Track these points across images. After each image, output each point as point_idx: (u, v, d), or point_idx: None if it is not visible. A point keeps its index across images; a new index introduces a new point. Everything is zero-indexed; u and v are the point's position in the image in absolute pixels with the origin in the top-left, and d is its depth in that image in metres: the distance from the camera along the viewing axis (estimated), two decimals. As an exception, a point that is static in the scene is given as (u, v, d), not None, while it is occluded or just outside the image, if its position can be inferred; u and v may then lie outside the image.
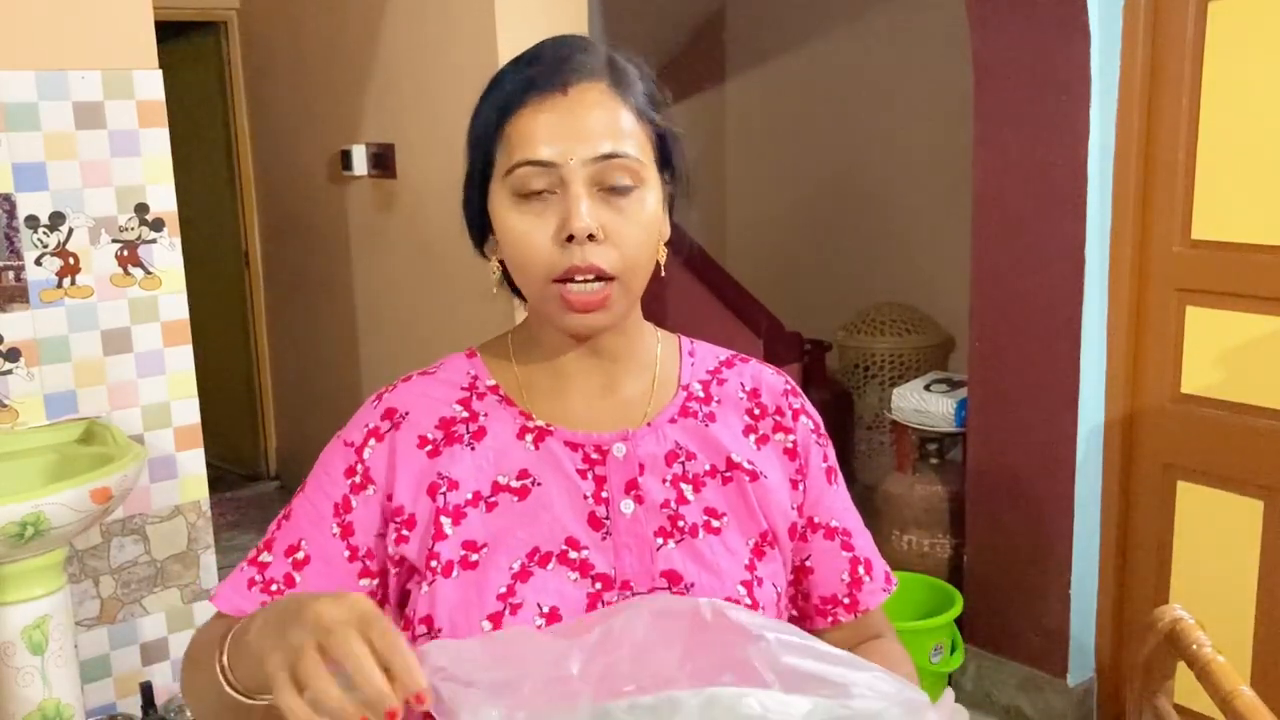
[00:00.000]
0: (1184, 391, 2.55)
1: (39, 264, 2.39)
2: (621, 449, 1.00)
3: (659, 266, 1.01)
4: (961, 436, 3.11)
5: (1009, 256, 2.74)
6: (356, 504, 0.98)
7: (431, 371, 1.05)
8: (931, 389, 3.32)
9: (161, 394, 2.58)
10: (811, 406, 1.13)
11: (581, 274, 0.91)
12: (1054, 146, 2.61)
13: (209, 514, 2.70)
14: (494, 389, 1.02)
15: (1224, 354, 2.47)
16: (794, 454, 1.08)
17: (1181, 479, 2.58)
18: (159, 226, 2.53)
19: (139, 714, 2.58)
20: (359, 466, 0.99)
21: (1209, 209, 2.46)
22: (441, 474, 0.98)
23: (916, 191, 4.38)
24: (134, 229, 2.50)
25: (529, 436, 1.00)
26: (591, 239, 0.91)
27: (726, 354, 1.12)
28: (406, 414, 1.00)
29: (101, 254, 2.46)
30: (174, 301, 2.57)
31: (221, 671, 0.85)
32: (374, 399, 1.03)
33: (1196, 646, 1.14)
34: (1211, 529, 2.53)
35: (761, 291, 4.04)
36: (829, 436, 1.14)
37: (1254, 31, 2.34)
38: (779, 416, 1.08)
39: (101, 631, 2.58)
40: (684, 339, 1.11)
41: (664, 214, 0.99)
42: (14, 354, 2.38)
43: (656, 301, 1.07)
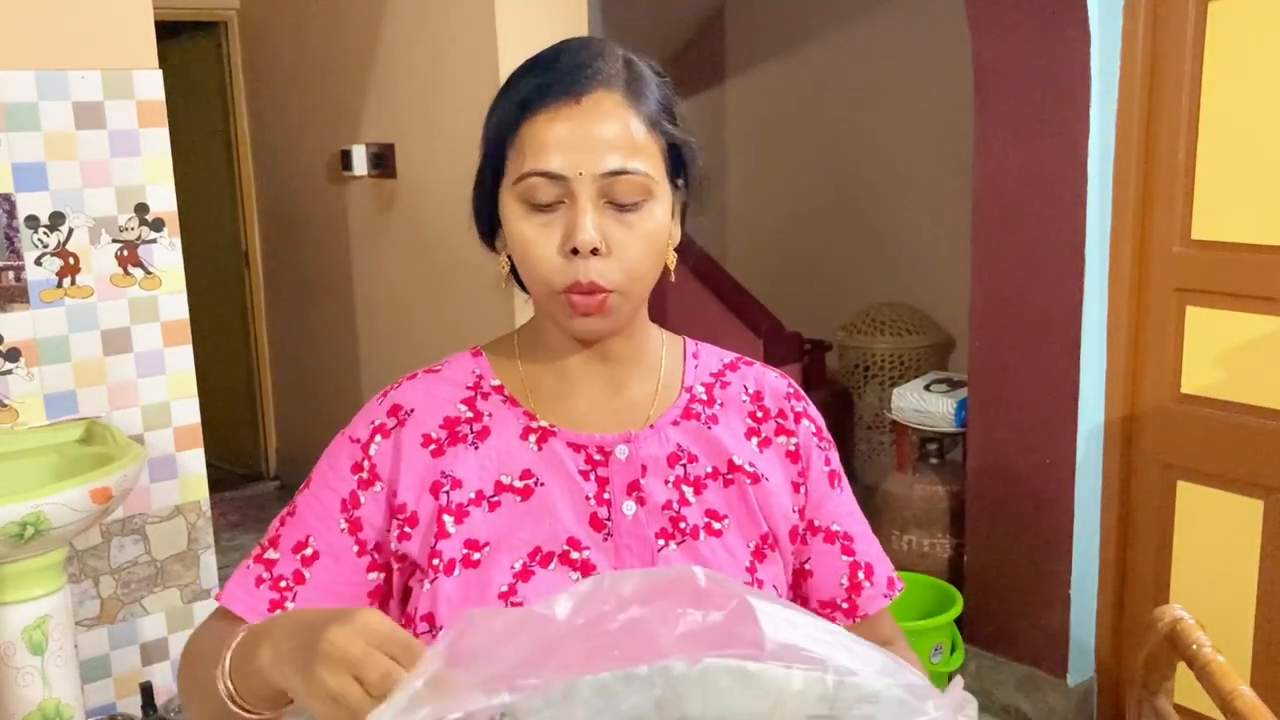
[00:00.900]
0: (1184, 391, 2.55)
1: (39, 264, 2.39)
2: (624, 450, 1.00)
3: (668, 271, 1.01)
4: (961, 436, 3.11)
5: (1009, 257, 2.74)
6: (364, 499, 0.99)
7: (437, 370, 1.05)
8: (931, 389, 3.32)
9: (161, 394, 2.58)
10: (815, 410, 1.14)
11: (583, 290, 0.92)
12: (1054, 146, 2.60)
13: (209, 514, 2.70)
14: (498, 389, 1.03)
15: (1224, 354, 2.47)
16: (796, 457, 1.08)
17: (1181, 479, 2.58)
18: (159, 226, 2.53)
19: (139, 714, 2.58)
20: (365, 462, 0.99)
21: (1209, 209, 2.45)
22: (445, 472, 0.98)
23: (916, 191, 4.38)
24: (134, 229, 2.50)
25: (532, 437, 1.00)
26: (595, 253, 0.92)
27: (730, 357, 1.12)
28: (411, 411, 1.01)
29: (101, 254, 2.46)
30: (174, 301, 2.57)
31: (227, 690, 0.85)
32: (379, 396, 1.03)
33: (1196, 646, 1.14)
34: (1211, 529, 2.53)
35: (761, 292, 4.04)
36: (833, 440, 1.15)
37: (1254, 31, 2.33)
38: (781, 420, 1.09)
39: (101, 631, 2.58)
40: (689, 341, 1.11)
41: (674, 223, 1.00)
42: (14, 354, 2.38)
43: (657, 302, 1.07)
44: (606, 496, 0.99)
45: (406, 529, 0.97)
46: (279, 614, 0.93)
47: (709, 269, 3.85)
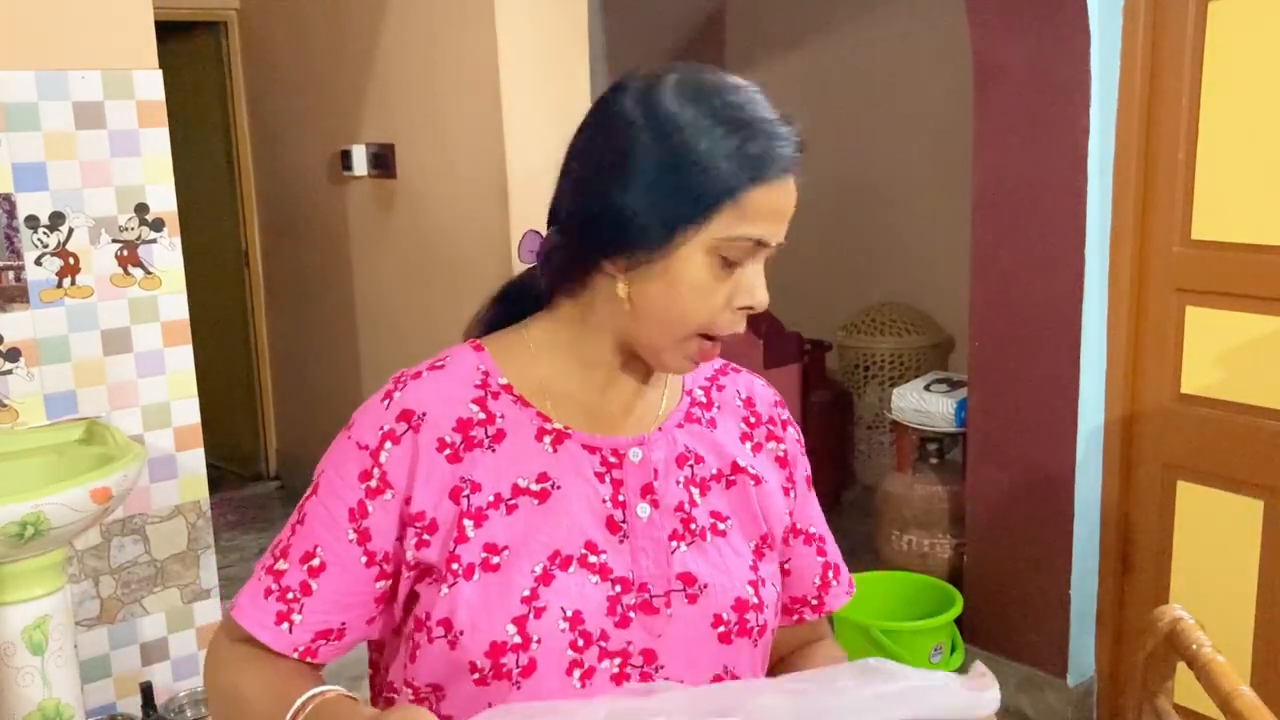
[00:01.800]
0: (1184, 391, 2.55)
1: (39, 264, 2.39)
2: (638, 453, 1.01)
3: None
4: (961, 436, 3.12)
5: (1009, 256, 2.74)
6: (373, 509, 0.97)
7: (440, 365, 1.03)
8: (931, 389, 3.32)
9: (161, 394, 2.58)
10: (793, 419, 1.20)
11: (725, 339, 0.98)
12: (1054, 146, 2.61)
13: (209, 514, 2.70)
14: (507, 388, 1.01)
15: (1224, 354, 2.47)
16: (785, 462, 1.12)
17: (1181, 479, 2.58)
18: (159, 226, 2.53)
19: (139, 714, 2.58)
20: (375, 470, 0.97)
21: (1209, 209, 2.46)
22: (464, 478, 0.97)
23: (916, 191, 4.38)
24: (134, 229, 2.50)
25: (547, 439, 1.00)
26: None
27: (719, 361, 1.14)
28: (424, 415, 0.98)
29: (101, 254, 2.46)
30: (174, 301, 2.57)
31: None
32: (382, 397, 1.00)
33: (1196, 646, 1.14)
34: (1211, 529, 2.53)
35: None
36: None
37: (1254, 31, 2.34)
38: (771, 426, 1.13)
39: (101, 631, 2.58)
40: None
41: None
42: (14, 354, 2.38)
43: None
44: (621, 499, 1.00)
45: (425, 536, 0.96)
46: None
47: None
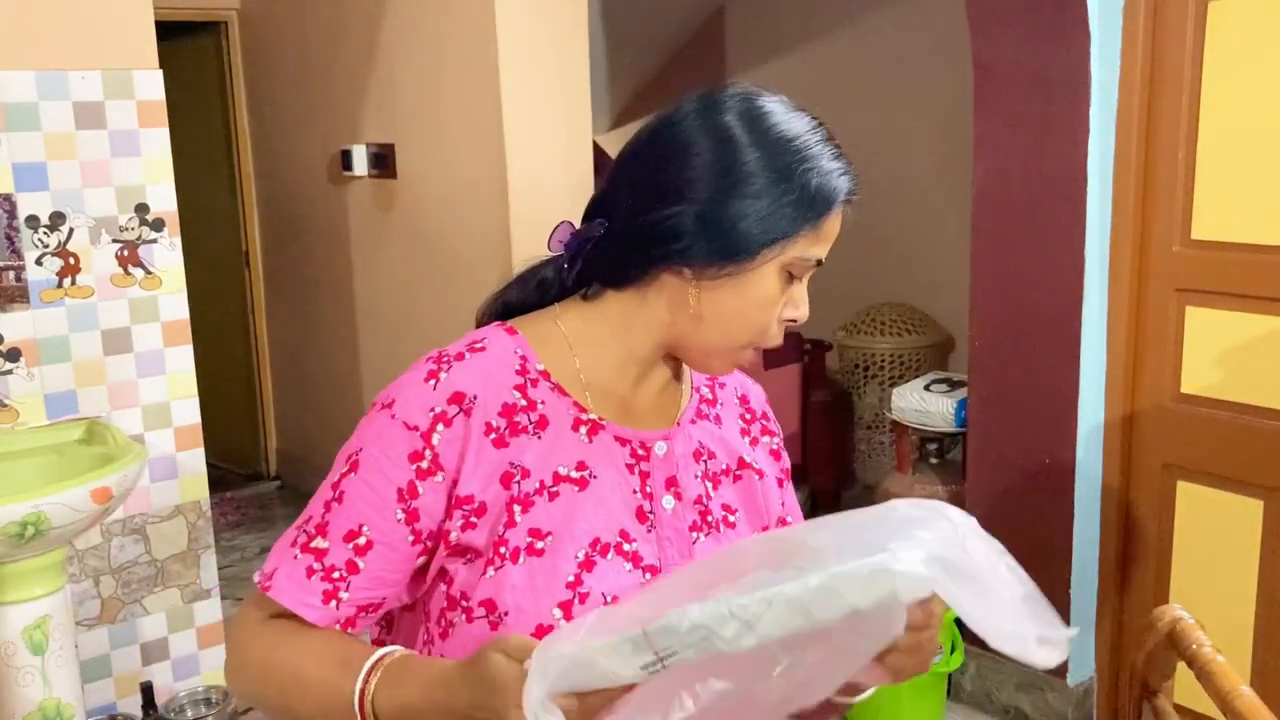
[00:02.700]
0: (1184, 391, 2.55)
1: (39, 264, 2.39)
2: (663, 447, 1.06)
3: None
4: (961, 436, 3.11)
5: (1009, 256, 2.74)
6: (423, 489, 0.98)
7: (481, 348, 1.03)
8: (931, 389, 3.32)
9: (161, 394, 2.58)
10: None
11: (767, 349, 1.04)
12: (1054, 146, 2.60)
13: (209, 514, 2.70)
14: (544, 375, 1.04)
15: (1224, 354, 2.47)
16: (778, 455, 1.20)
17: (1181, 479, 2.58)
18: (159, 226, 2.53)
19: (139, 714, 2.58)
20: (427, 452, 0.98)
21: (1209, 209, 2.46)
22: (514, 463, 0.99)
23: (916, 191, 4.38)
24: (134, 229, 2.50)
25: (583, 429, 1.03)
26: None
27: None
28: (475, 397, 1.00)
29: (102, 254, 2.46)
30: (174, 301, 2.57)
31: None
32: (425, 377, 1.00)
33: (1196, 646, 1.14)
34: (1211, 529, 2.53)
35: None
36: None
37: (1254, 31, 2.34)
38: (765, 421, 1.20)
39: (102, 631, 2.58)
40: None
41: None
42: (14, 354, 2.38)
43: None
44: (649, 490, 1.04)
45: (473, 519, 0.98)
46: (397, 687, 0.91)
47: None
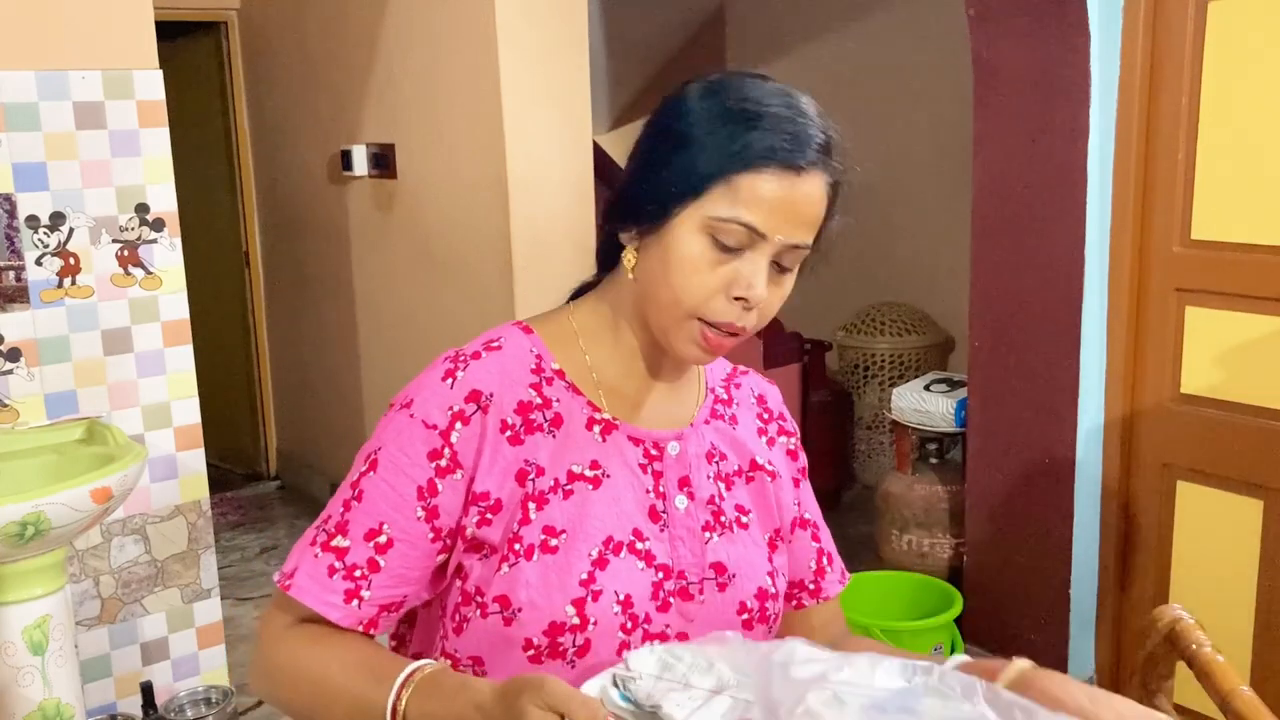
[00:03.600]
0: (1184, 391, 2.55)
1: (39, 264, 2.39)
2: (676, 447, 1.07)
3: None
4: (961, 436, 3.12)
5: (1009, 256, 2.74)
6: (443, 487, 0.99)
7: (497, 346, 1.04)
8: (931, 389, 3.32)
9: (162, 394, 2.58)
10: None
11: (727, 331, 0.98)
12: (1054, 146, 2.61)
13: (209, 514, 2.70)
14: (559, 374, 1.05)
15: (1224, 354, 2.47)
16: (795, 455, 1.20)
17: (1181, 479, 2.58)
18: (159, 226, 2.53)
19: (139, 714, 2.58)
20: (446, 450, 0.99)
21: (1209, 209, 2.46)
22: (529, 461, 1.00)
23: (916, 191, 4.38)
24: (134, 229, 2.50)
25: (596, 428, 1.04)
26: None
27: (729, 364, 1.21)
28: (492, 395, 1.01)
29: (102, 254, 2.46)
30: (174, 301, 2.57)
31: None
32: (443, 376, 1.01)
33: (1196, 646, 1.14)
34: (1211, 529, 2.53)
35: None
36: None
37: (1254, 31, 2.34)
38: (782, 421, 1.20)
39: (102, 631, 2.58)
40: None
41: None
42: (14, 354, 2.38)
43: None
44: (662, 490, 1.05)
45: (488, 516, 0.99)
46: (436, 690, 0.91)
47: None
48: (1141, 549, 2.69)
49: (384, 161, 3.81)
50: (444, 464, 0.99)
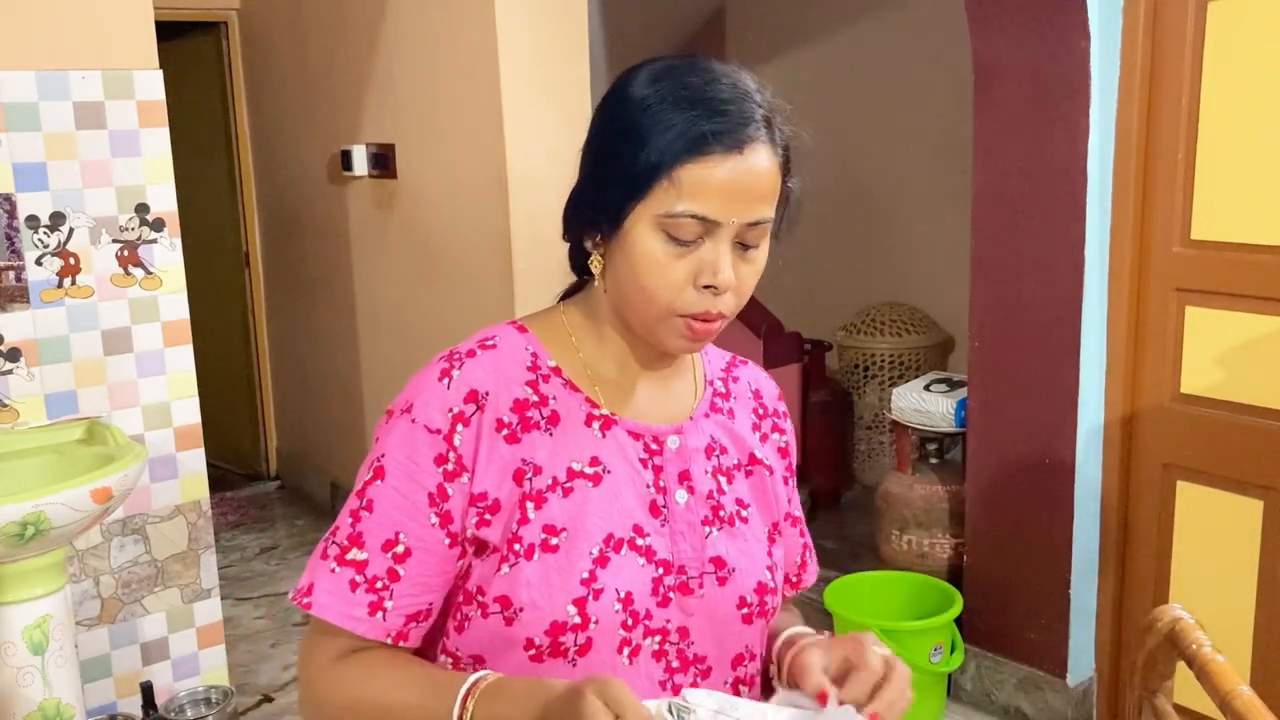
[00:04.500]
0: (1184, 391, 2.55)
1: (39, 264, 2.39)
2: (675, 441, 1.06)
3: None
4: (961, 436, 3.11)
5: (1009, 256, 2.74)
6: (452, 491, 0.99)
7: (492, 345, 1.04)
8: (931, 389, 3.32)
9: (162, 394, 2.58)
10: None
11: (707, 319, 0.98)
12: (1054, 146, 2.61)
13: (209, 514, 2.70)
14: (556, 371, 1.05)
15: (1224, 354, 2.47)
16: (785, 452, 1.19)
17: (1181, 479, 2.58)
18: (159, 226, 2.53)
19: (139, 714, 2.58)
20: (450, 454, 0.99)
21: (1209, 209, 2.46)
22: (526, 460, 1.00)
23: (916, 191, 4.38)
24: (134, 229, 2.50)
25: (595, 424, 1.04)
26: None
27: (727, 354, 1.20)
28: (488, 394, 1.01)
29: (102, 254, 2.46)
30: (174, 301, 2.57)
31: None
32: (439, 376, 1.01)
33: (1196, 646, 1.14)
34: (1211, 529, 2.53)
35: (761, 291, 4.02)
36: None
37: (1254, 31, 2.34)
38: (775, 418, 1.19)
39: (102, 631, 2.58)
40: None
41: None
42: (14, 354, 2.38)
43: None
44: (662, 484, 1.04)
45: (487, 516, 0.99)
46: (497, 696, 0.91)
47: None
48: (1141, 549, 2.69)
49: (384, 161, 3.81)
50: (450, 468, 0.99)
